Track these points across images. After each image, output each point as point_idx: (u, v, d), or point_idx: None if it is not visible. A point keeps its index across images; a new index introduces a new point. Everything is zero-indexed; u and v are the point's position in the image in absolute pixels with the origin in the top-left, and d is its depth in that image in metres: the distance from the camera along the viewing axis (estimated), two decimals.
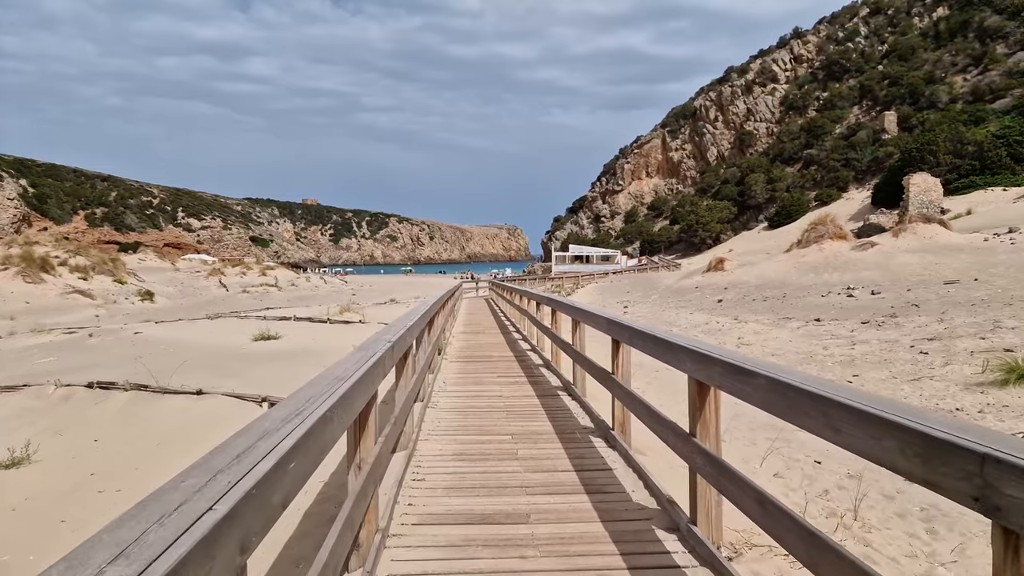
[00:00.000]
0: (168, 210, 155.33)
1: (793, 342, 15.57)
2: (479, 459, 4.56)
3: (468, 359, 9.70)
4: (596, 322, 5.27)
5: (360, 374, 2.47)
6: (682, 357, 3.20)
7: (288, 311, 25.99)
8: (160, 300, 52.19)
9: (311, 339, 14.97)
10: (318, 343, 14.38)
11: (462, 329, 15.33)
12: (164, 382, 7.29)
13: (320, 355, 12.18)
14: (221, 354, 12.24)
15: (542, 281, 47.31)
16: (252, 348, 13.50)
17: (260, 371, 9.23)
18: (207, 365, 9.93)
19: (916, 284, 24.71)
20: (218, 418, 6.23)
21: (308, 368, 10.93)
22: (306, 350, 13.09)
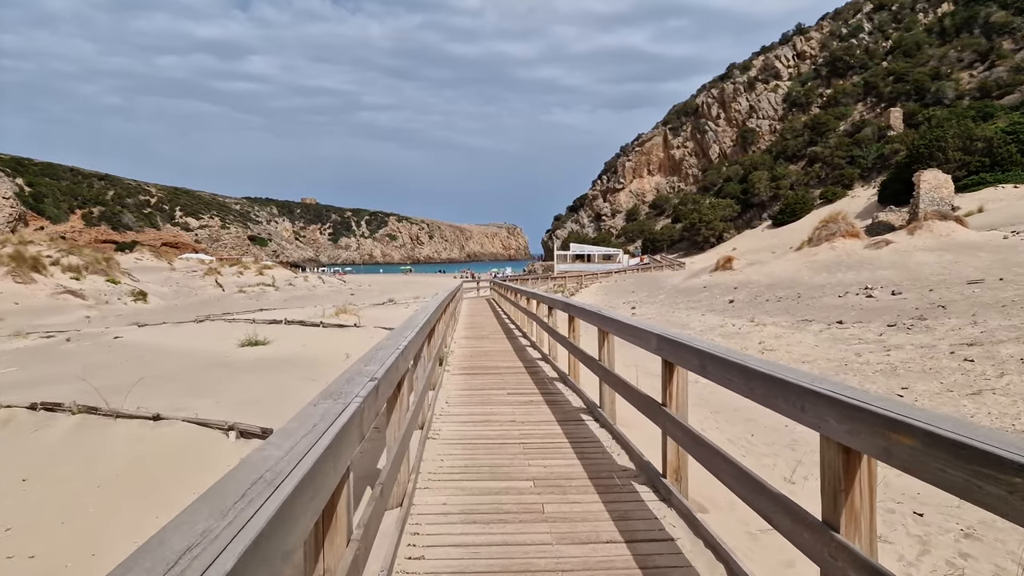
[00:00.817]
0: (166, 209, 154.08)
1: (820, 347, 14.50)
2: (495, 520, 3.49)
3: (473, 371, 8.64)
4: (639, 337, 4.20)
5: (311, 462, 1.41)
6: (817, 408, 2.12)
7: (281, 313, 24.93)
8: (154, 300, 51.17)
9: (301, 344, 13.89)
10: (309, 349, 13.31)
11: (464, 334, 14.25)
12: (122, 402, 6.23)
13: (310, 363, 11.12)
14: (202, 362, 11.17)
15: (544, 280, 46.20)
16: (237, 355, 12.42)
17: (239, 385, 8.16)
18: (182, 377, 8.86)
19: (937, 284, 23.68)
20: (174, 451, 5.18)
21: (295, 380, 9.85)
22: (295, 357, 12.01)
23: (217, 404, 6.57)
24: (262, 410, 6.25)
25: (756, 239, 76.66)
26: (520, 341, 12.66)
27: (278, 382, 8.32)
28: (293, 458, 1.41)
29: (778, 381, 2.29)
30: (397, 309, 30.56)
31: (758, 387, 2.44)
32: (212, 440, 5.43)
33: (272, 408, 6.34)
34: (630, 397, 4.52)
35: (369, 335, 14.88)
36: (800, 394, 2.18)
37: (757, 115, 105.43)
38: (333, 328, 15.68)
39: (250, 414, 6.01)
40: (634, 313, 25.00)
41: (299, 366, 10.87)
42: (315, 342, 14.04)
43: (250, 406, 6.57)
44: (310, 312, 25.99)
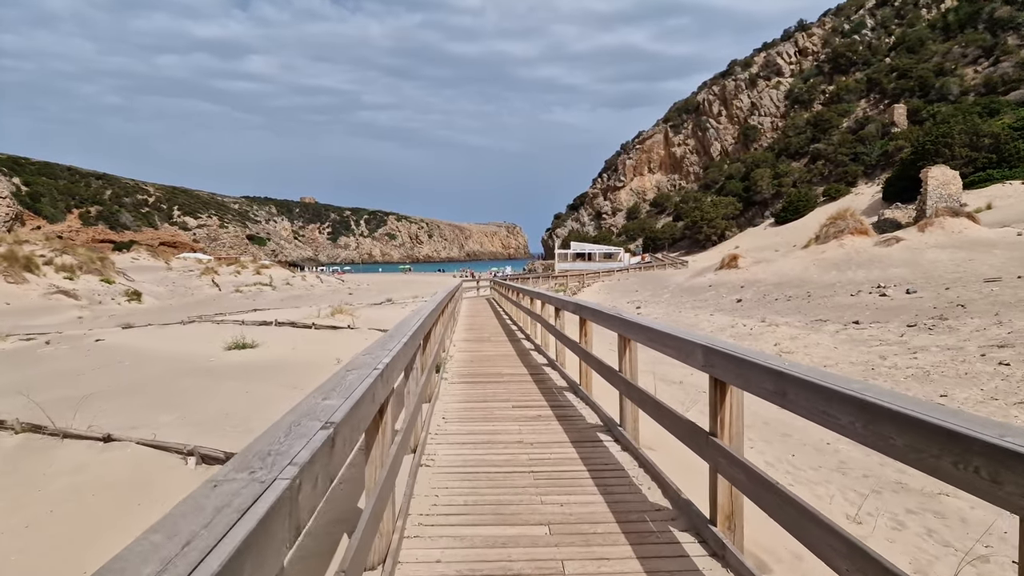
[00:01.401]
0: (164, 208, 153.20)
1: (839, 349, 13.72)
2: None
3: (473, 379, 7.86)
4: (677, 348, 3.43)
5: None
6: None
7: (273, 314, 24.14)
8: (148, 300, 50.46)
9: (291, 348, 13.10)
10: (299, 353, 12.53)
11: (464, 336, 13.46)
12: (71, 419, 5.45)
13: (298, 368, 10.34)
14: (182, 368, 10.38)
15: (544, 279, 45.37)
16: (222, 359, 11.64)
17: (215, 395, 7.38)
18: (154, 386, 8.08)
19: (953, 282, 22.92)
20: (120, 482, 4.41)
21: (278, 388, 9.04)
22: (283, 362, 11.22)
23: (183, 420, 5.79)
24: (233, 426, 5.49)
25: (759, 237, 75.83)
26: (523, 344, 11.87)
27: (259, 392, 7.54)
28: None
29: (941, 431, 1.50)
30: (395, 309, 29.78)
31: (898, 435, 1.65)
32: (167, 467, 4.65)
33: (244, 423, 5.58)
34: (665, 420, 3.74)
35: (363, 337, 14.10)
36: (989, 455, 1.39)
37: (759, 112, 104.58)
38: (326, 330, 14.90)
39: (217, 432, 5.23)
40: (639, 313, 24.22)
41: (286, 371, 10.09)
42: (306, 345, 13.26)
43: (219, 423, 5.80)
44: (305, 312, 25.23)
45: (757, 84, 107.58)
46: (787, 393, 2.28)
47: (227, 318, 18.03)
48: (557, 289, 39.10)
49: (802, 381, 2.17)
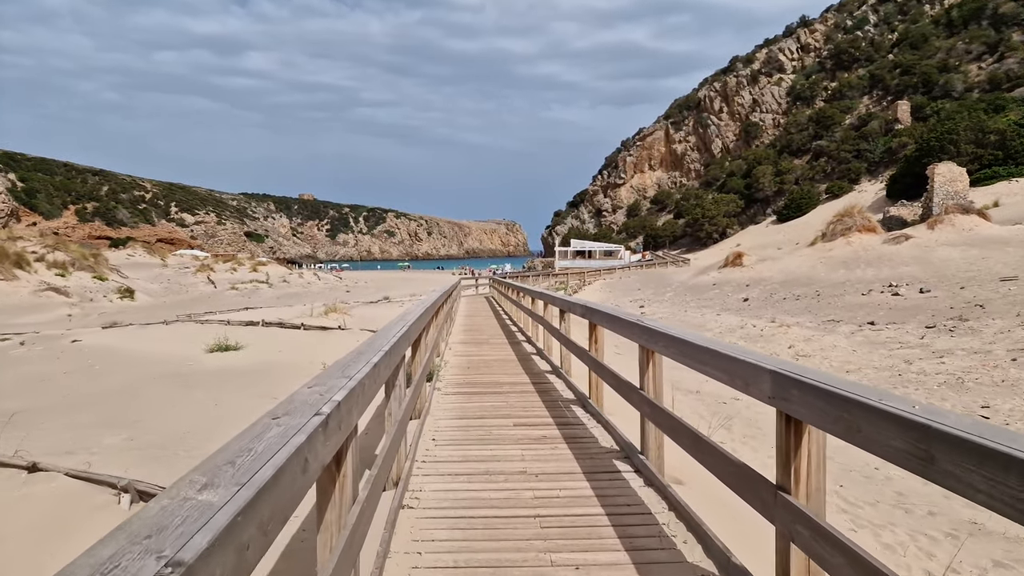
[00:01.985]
0: (161, 205, 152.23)
1: (858, 352, 12.95)
2: None
3: (470, 388, 7.07)
4: (728, 370, 2.65)
5: None
6: None
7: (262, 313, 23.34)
8: (141, 298, 49.70)
9: (276, 350, 12.31)
10: (284, 356, 11.75)
11: (461, 338, 12.66)
12: (1, 438, 4.68)
13: (279, 374, 9.55)
14: (155, 373, 9.60)
15: (544, 277, 44.56)
16: (201, 363, 10.86)
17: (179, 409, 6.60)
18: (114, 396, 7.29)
19: (967, 281, 22.17)
20: (34, 526, 3.63)
21: (251, 399, 8.18)
22: (264, 366, 10.43)
23: (131, 442, 5.02)
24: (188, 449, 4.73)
25: (761, 235, 75.07)
26: (524, 347, 11.08)
27: (230, 404, 6.76)
28: None
29: None
30: (390, 308, 28.98)
31: None
32: (94, 506, 3.87)
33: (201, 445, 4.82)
34: (708, 459, 2.94)
35: (354, 338, 13.31)
36: None
37: (760, 109, 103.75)
38: (315, 331, 14.11)
39: (167, 459, 4.46)
40: (643, 312, 23.44)
41: (267, 377, 9.30)
42: (292, 347, 12.48)
43: (174, 445, 5.02)
44: (297, 311, 24.45)
45: (759, 80, 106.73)
46: (936, 459, 1.50)
47: (212, 318, 17.24)
48: (557, 287, 38.31)
49: (968, 443, 1.38)
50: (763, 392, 2.37)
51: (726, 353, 2.69)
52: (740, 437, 5.77)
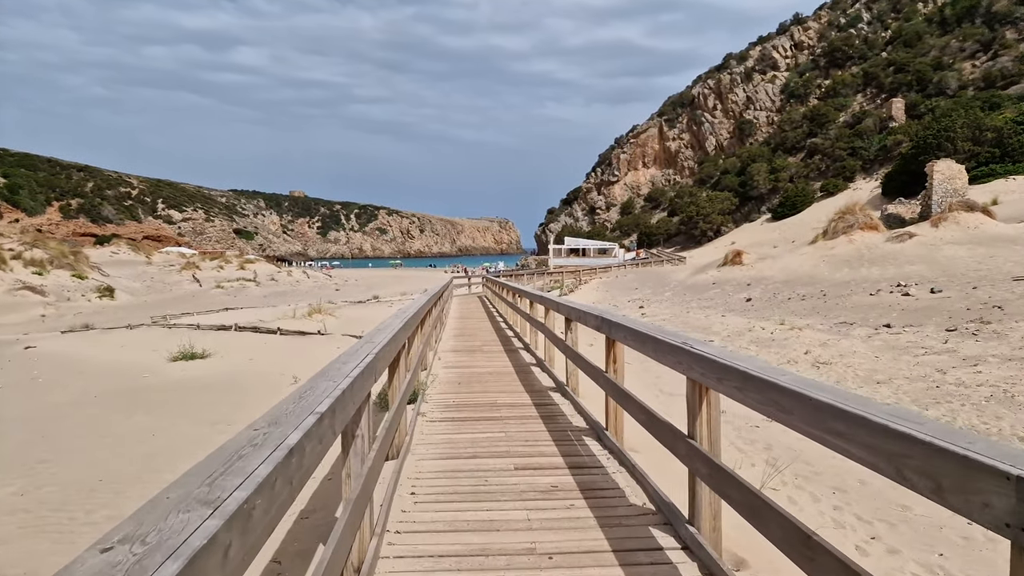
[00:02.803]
0: (148, 201, 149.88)
1: (882, 359, 11.98)
2: None
3: (460, 413, 5.99)
4: (870, 452, 1.61)
5: None
6: None
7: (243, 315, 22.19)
8: (122, 297, 48.40)
9: (247, 359, 11.20)
10: (255, 365, 10.65)
11: (452, 345, 11.59)
12: None
13: (244, 391, 8.47)
14: (103, 389, 8.49)
15: (539, 276, 43.48)
16: (161, 374, 9.76)
17: (107, 441, 5.52)
18: (37, 422, 6.18)
19: (979, 280, 21.31)
20: None
21: (201, 428, 6.99)
22: (230, 380, 9.33)
23: (19, 497, 3.96)
24: (92, 509, 3.67)
25: (756, 233, 74.35)
26: (522, 356, 10.04)
27: (171, 434, 5.69)
28: None
29: None
30: (379, 308, 27.86)
31: None
32: None
33: (111, 504, 3.76)
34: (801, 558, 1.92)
35: (334, 345, 12.23)
36: None
37: (754, 106, 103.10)
38: (293, 336, 13.00)
39: (60, 525, 3.40)
40: (643, 313, 22.44)
41: (229, 393, 8.21)
42: (265, 354, 11.37)
43: (76, 502, 3.96)
44: (279, 312, 23.31)
45: (752, 78, 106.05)
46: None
47: (182, 322, 16.08)
48: (552, 286, 37.27)
49: None
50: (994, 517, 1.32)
51: (877, 421, 1.64)
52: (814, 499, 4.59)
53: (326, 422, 1.95)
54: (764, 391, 2.26)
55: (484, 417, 5.82)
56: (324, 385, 2.25)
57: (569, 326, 6.61)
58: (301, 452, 1.65)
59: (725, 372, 2.60)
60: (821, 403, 1.90)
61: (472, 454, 4.67)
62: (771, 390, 2.20)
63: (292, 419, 1.78)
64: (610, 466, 4.33)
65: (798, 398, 2.02)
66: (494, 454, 4.67)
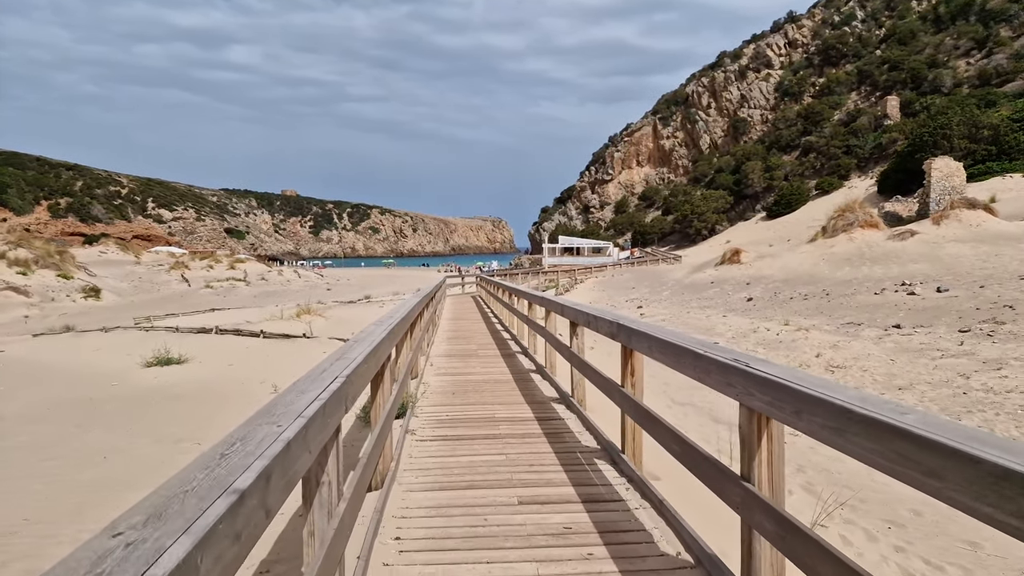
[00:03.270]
0: (138, 200, 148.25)
1: (898, 362, 11.39)
2: None
3: (454, 430, 5.27)
4: None
5: None
6: None
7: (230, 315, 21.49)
8: (109, 297, 47.52)
9: (227, 363, 10.50)
10: (236, 370, 9.97)
11: (445, 349, 10.91)
12: None
13: (219, 402, 7.78)
14: (63, 399, 7.79)
15: (534, 275, 42.84)
16: (131, 381, 9.05)
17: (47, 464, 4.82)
18: None
19: (985, 279, 20.83)
20: None
21: (162, 447, 6.27)
22: (206, 388, 8.64)
23: None
24: (11, 557, 3.00)
25: (751, 231, 73.93)
26: (520, 362, 9.38)
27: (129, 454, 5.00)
28: None
29: None
30: (370, 308, 27.15)
31: None
32: None
33: (33, 550, 3.09)
34: None
35: (320, 349, 11.54)
36: None
37: (749, 104, 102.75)
38: (277, 339, 12.30)
39: None
40: (641, 314, 21.82)
41: (203, 404, 7.51)
42: (245, 360, 10.67)
43: None
44: (267, 313, 22.58)
45: (747, 76, 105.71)
46: None
47: (162, 324, 15.35)
48: (547, 285, 36.63)
49: None
50: None
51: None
52: None
53: (253, 500, 1.28)
54: (882, 438, 1.60)
55: (481, 435, 5.15)
56: (262, 434, 1.58)
57: (575, 331, 5.95)
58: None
59: (808, 404, 1.94)
60: (1000, 468, 1.25)
61: (468, 483, 4.01)
62: (897, 438, 1.54)
63: (188, 508, 1.11)
64: (631, 499, 3.68)
65: (953, 456, 1.37)
66: (494, 483, 4.01)
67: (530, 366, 8.87)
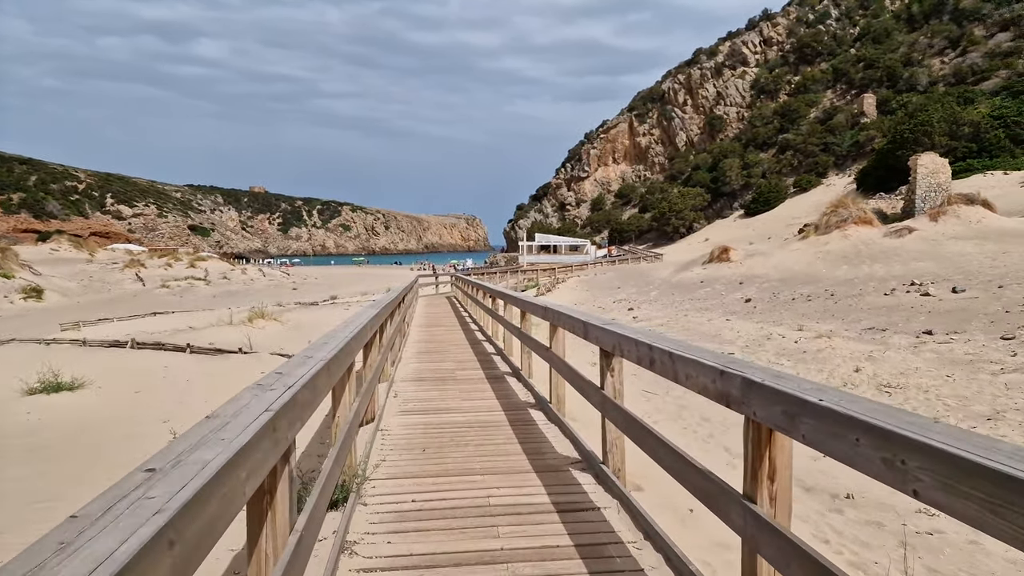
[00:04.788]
0: (96, 196, 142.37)
1: (957, 379, 9.56)
2: None
3: (427, 542, 3.10)
4: None
5: None
6: None
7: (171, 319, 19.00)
8: (53, 297, 44.32)
9: (133, 390, 8.20)
10: (143, 399, 7.72)
11: (415, 369, 8.74)
12: None
13: (101, 445, 5.54)
14: None
15: (511, 274, 40.74)
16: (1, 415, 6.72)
17: None
18: None
19: (1000, 278, 19.35)
20: None
21: None
22: (85, 427, 6.34)
23: None
24: None
25: (729, 229, 72.86)
26: (511, 388, 7.28)
27: None
28: None
29: None
30: (335, 310, 24.78)
31: None
32: None
33: None
34: None
35: (259, 367, 9.29)
36: None
37: (725, 102, 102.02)
38: (208, 356, 9.98)
39: None
40: (634, 317, 19.86)
41: (71, 455, 5.25)
42: (158, 385, 8.37)
43: None
44: (215, 317, 20.09)
45: (723, 73, 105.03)
46: None
47: (65, 336, 12.89)
48: (527, 284, 34.56)
49: None
50: None
51: None
52: None
53: None
54: None
55: (474, 554, 3.02)
56: None
57: (609, 363, 3.87)
58: None
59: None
60: None
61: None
62: None
63: None
64: None
65: None
66: None
67: (526, 396, 6.77)
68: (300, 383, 2.20)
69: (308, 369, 2.48)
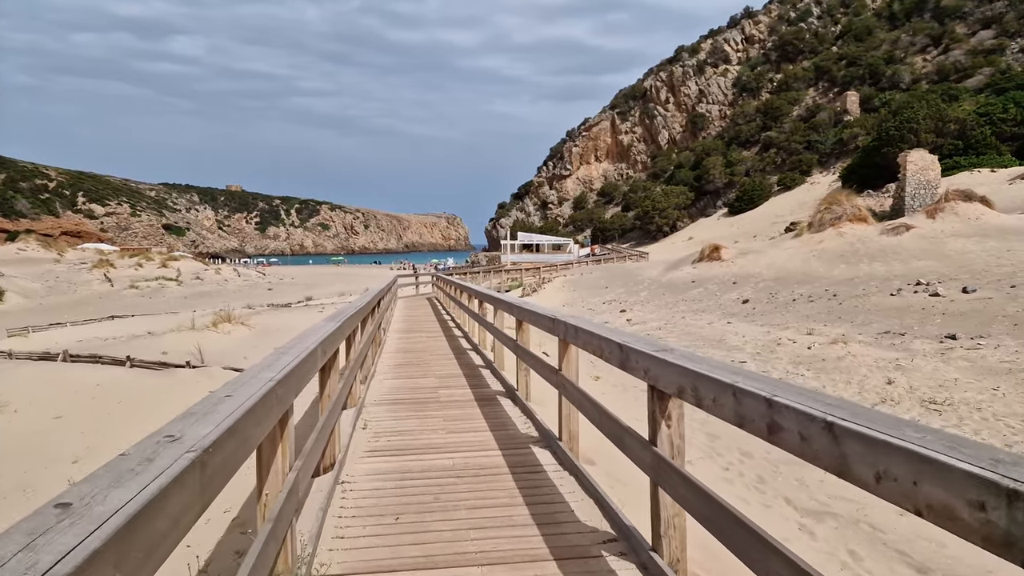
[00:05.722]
0: (67, 195, 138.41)
1: (1007, 393, 8.47)
2: None
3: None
4: None
5: None
6: None
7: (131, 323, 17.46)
8: (15, 299, 42.26)
9: (53, 415, 6.84)
10: (63, 425, 6.37)
11: (391, 388, 7.44)
12: None
13: None
14: None
15: (495, 273, 39.41)
16: None
17: None
18: None
19: (1011, 277, 18.52)
20: None
21: None
22: None
23: None
24: None
25: (713, 227, 72.23)
26: (505, 414, 6.02)
27: None
28: None
29: None
30: (308, 313, 23.33)
31: None
32: None
33: None
34: None
35: (208, 384, 7.88)
36: None
37: (707, 100, 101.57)
38: (150, 370, 8.57)
39: None
40: (628, 320, 18.67)
41: None
42: (84, 407, 6.97)
43: None
44: (176, 321, 18.55)
45: (705, 71, 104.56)
46: None
47: (3, 347, 11.40)
48: (511, 284, 33.30)
49: None
50: None
51: None
52: None
53: None
54: None
55: None
56: None
57: (664, 408, 2.63)
58: None
59: None
60: None
61: None
62: None
63: None
64: None
65: None
66: None
67: (526, 427, 5.50)
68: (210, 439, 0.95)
69: (243, 402, 1.23)
